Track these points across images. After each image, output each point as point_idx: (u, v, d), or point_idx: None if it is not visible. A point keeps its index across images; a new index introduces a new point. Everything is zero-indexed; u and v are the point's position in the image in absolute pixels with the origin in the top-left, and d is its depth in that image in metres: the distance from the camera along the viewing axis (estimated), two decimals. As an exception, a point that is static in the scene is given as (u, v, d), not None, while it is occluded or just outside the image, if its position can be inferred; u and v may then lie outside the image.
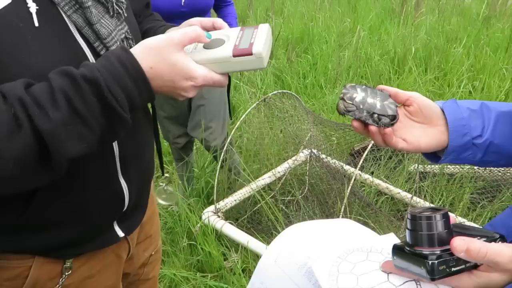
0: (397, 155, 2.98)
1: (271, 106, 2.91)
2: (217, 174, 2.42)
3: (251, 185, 2.53)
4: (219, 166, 2.41)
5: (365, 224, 2.44)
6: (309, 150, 2.87)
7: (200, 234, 2.36)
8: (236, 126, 2.37)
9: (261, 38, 0.78)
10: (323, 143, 2.90)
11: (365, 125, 0.78)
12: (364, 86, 0.80)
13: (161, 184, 1.10)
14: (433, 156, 0.84)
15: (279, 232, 2.28)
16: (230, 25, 2.39)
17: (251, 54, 0.76)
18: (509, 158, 0.81)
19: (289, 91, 2.73)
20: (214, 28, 0.90)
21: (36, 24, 0.72)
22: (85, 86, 0.67)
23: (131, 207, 0.98)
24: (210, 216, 2.38)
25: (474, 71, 4.58)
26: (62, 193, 0.83)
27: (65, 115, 0.65)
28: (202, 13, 2.31)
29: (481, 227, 0.82)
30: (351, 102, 0.77)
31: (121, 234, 0.99)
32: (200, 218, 2.47)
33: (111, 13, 0.84)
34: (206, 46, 0.80)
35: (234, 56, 0.76)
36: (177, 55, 0.73)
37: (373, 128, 0.77)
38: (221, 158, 2.42)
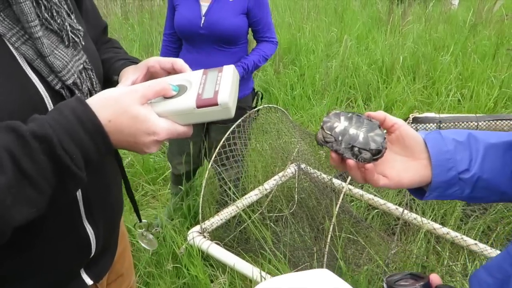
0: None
1: (258, 119, 2.85)
2: (201, 193, 2.35)
3: (238, 203, 2.46)
4: (204, 184, 2.34)
5: (355, 242, 2.37)
6: (297, 165, 2.80)
7: (186, 255, 2.28)
8: (221, 144, 2.30)
9: (226, 84, 0.71)
10: (312, 157, 2.84)
11: (343, 158, 0.71)
12: (350, 114, 0.73)
13: (139, 230, 1.03)
14: (418, 191, 0.77)
15: (266, 251, 2.24)
16: (243, 62, 2.30)
17: (216, 104, 0.68)
18: (500, 194, 0.74)
19: (275, 105, 2.67)
20: (173, 70, 0.83)
21: None
22: (34, 144, 0.58)
23: (99, 252, 0.90)
24: (196, 237, 2.30)
25: (462, 79, 4.57)
26: (19, 247, 0.74)
27: (10, 178, 0.57)
28: (226, 39, 2.21)
29: None
30: (329, 133, 0.70)
31: (89, 282, 0.91)
32: (186, 239, 2.39)
33: (66, 43, 0.76)
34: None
35: (198, 107, 0.69)
36: (138, 108, 0.66)
37: (351, 162, 0.70)
38: (206, 176, 2.34)
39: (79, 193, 0.81)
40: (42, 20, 0.72)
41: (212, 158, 2.31)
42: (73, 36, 0.78)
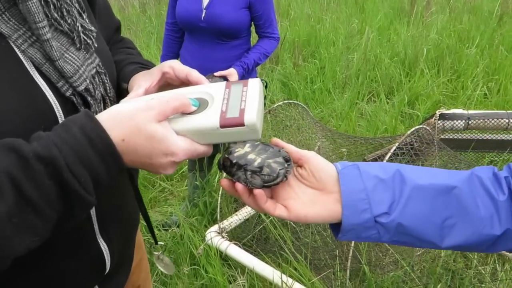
0: (415, 163, 2.82)
1: (277, 114, 2.77)
2: (219, 191, 2.28)
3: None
4: (224, 177, 2.26)
5: (378, 243, 2.28)
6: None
7: (204, 256, 2.22)
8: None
9: (253, 102, 0.63)
10: (333, 154, 2.75)
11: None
12: (258, 143, 0.67)
13: (155, 253, 0.95)
14: (339, 227, 0.67)
15: (286, 252, 2.17)
16: (244, 62, 2.23)
17: (242, 125, 0.61)
18: (430, 244, 0.64)
19: (295, 101, 2.59)
20: (188, 81, 0.75)
21: None
22: (38, 167, 0.52)
23: (113, 268, 0.84)
24: (214, 237, 2.24)
25: (489, 72, 4.41)
26: (27, 267, 0.68)
27: (10, 205, 0.50)
28: (227, 33, 2.17)
29: None
30: (227, 156, 0.64)
31: None
32: (204, 238, 2.33)
33: (78, 45, 0.69)
34: None
35: (222, 127, 0.61)
36: (156, 126, 0.58)
37: (238, 186, 0.63)
38: (224, 174, 2.27)
39: (92, 209, 0.74)
40: (51, 21, 0.65)
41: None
42: (85, 38, 0.71)
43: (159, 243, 0.94)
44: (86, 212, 0.58)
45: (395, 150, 2.07)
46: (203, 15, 2.12)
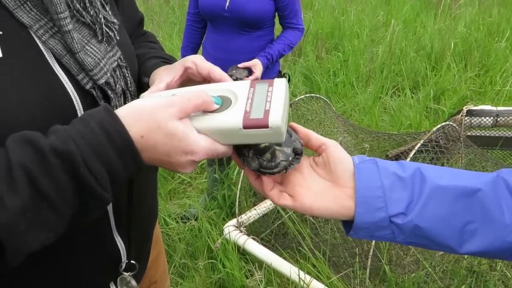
0: (440, 161, 2.75)
1: (299, 107, 2.74)
2: (238, 185, 2.26)
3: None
4: (241, 177, 2.25)
5: (402, 246, 2.23)
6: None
7: (221, 250, 2.21)
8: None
9: (278, 103, 0.60)
10: (355, 150, 2.70)
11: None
12: None
13: (124, 273, 0.86)
14: (351, 224, 0.63)
15: (305, 249, 2.14)
16: (268, 52, 2.20)
17: (266, 127, 0.58)
18: (448, 248, 0.60)
19: (317, 95, 2.54)
20: (209, 78, 0.72)
21: (0, 54, 0.56)
22: (55, 161, 0.50)
23: (129, 265, 0.82)
24: (232, 231, 2.22)
25: (519, 68, 4.27)
26: (39, 262, 0.67)
27: (26, 200, 0.49)
28: (251, 23, 2.14)
29: None
30: None
31: None
32: (222, 232, 2.32)
33: (100, 37, 0.67)
34: None
35: (245, 128, 0.59)
36: (176, 124, 0.56)
37: (245, 168, 0.63)
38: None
39: (109, 205, 0.73)
40: (73, 12, 0.64)
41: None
42: (107, 30, 0.69)
43: (132, 261, 0.89)
44: (102, 209, 0.57)
45: (419, 147, 2.01)
46: (227, 4, 2.09)
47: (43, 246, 0.53)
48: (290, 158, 0.62)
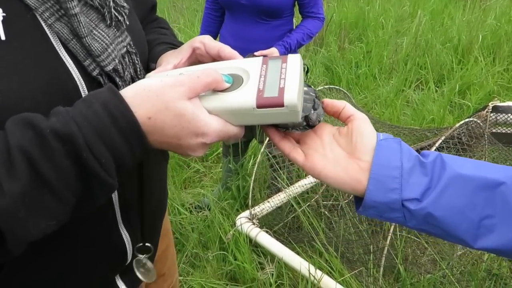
0: (466, 152, 2.66)
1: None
2: (252, 177, 2.22)
3: (290, 189, 2.31)
4: (257, 163, 2.20)
5: (416, 239, 2.17)
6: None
7: (233, 242, 2.18)
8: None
9: (293, 80, 0.56)
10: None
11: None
12: (309, 87, 0.64)
13: (139, 255, 0.86)
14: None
15: (318, 244, 2.10)
16: (286, 41, 2.14)
17: (281, 105, 0.54)
18: (459, 241, 0.56)
19: (337, 87, 2.47)
20: (219, 57, 0.68)
21: (3, 37, 0.53)
22: (56, 145, 0.48)
23: (144, 247, 0.80)
24: (244, 223, 2.19)
25: (551, 63, 4.11)
26: (42, 254, 0.65)
27: (25, 185, 0.47)
28: (269, 12, 2.07)
29: None
30: None
31: None
32: (234, 223, 2.29)
33: (108, 22, 0.64)
34: None
35: (259, 107, 0.55)
36: (185, 104, 0.53)
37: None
38: (261, 151, 2.21)
39: (114, 194, 0.70)
40: None
41: (266, 142, 2.17)
42: (117, 14, 0.65)
43: (146, 244, 0.87)
44: (107, 195, 0.54)
45: (440, 143, 1.94)
46: None
47: (44, 234, 0.50)
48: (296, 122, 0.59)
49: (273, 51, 2.07)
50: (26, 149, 0.47)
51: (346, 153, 0.61)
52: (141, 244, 0.79)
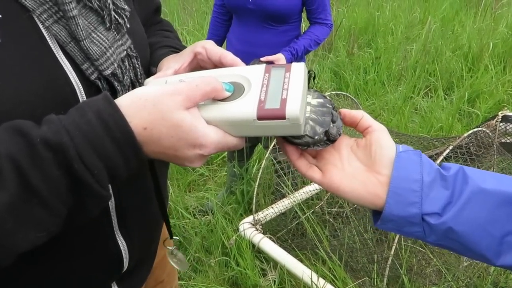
0: (473, 162, 2.62)
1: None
2: (256, 182, 2.20)
3: (295, 196, 2.29)
4: (262, 168, 2.18)
5: (424, 255, 2.14)
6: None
7: (235, 247, 2.16)
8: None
9: (296, 91, 0.54)
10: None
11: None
12: (326, 99, 0.62)
13: (168, 247, 0.88)
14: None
15: (321, 252, 2.07)
16: (292, 47, 2.12)
17: (283, 118, 0.52)
18: (480, 257, 0.55)
19: (344, 93, 2.45)
20: (221, 64, 0.67)
21: None
22: (46, 154, 0.46)
23: (133, 265, 0.78)
24: (247, 228, 2.17)
25: None
26: (35, 262, 0.63)
27: (13, 194, 0.45)
28: (276, 17, 2.07)
29: None
30: None
31: None
32: (237, 229, 2.27)
33: (108, 24, 0.62)
34: None
35: (259, 119, 0.53)
36: (183, 114, 0.51)
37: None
38: (266, 156, 2.19)
39: (111, 201, 0.68)
40: None
41: (270, 147, 2.15)
42: (117, 17, 0.64)
43: (174, 237, 0.87)
44: (100, 207, 0.53)
45: (448, 152, 1.91)
46: None
47: (34, 246, 0.49)
48: (317, 138, 0.57)
49: (279, 57, 2.05)
50: (15, 157, 0.45)
51: (364, 167, 0.59)
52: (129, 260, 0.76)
